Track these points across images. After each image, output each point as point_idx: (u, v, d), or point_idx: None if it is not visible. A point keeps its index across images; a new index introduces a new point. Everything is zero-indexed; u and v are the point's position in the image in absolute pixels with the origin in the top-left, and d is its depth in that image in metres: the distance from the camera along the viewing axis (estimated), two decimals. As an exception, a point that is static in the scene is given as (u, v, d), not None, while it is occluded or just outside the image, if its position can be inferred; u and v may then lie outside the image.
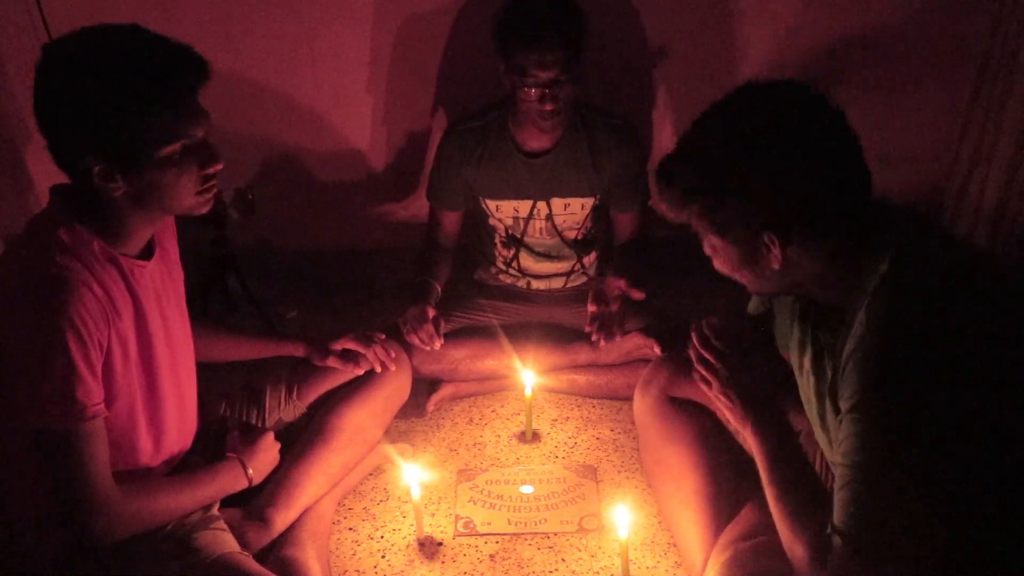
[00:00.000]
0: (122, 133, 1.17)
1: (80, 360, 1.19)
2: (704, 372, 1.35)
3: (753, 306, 1.54)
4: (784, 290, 1.23)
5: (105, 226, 1.27)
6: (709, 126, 1.16)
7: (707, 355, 1.33)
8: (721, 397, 1.35)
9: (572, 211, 2.06)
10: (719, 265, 1.23)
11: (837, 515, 1.07)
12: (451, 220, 2.11)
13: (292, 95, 2.25)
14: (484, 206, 2.07)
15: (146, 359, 1.35)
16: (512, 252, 2.14)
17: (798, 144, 1.10)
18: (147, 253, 1.36)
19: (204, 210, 1.33)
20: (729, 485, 1.52)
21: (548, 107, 1.81)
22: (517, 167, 2.00)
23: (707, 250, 1.24)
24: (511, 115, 1.98)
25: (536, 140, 1.98)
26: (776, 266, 1.14)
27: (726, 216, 1.14)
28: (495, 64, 1.87)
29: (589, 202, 2.05)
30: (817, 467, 1.44)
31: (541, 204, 2.04)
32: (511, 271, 2.18)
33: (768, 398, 1.33)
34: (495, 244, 2.14)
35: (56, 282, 1.18)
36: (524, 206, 2.05)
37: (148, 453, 1.40)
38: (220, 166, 1.29)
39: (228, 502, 1.58)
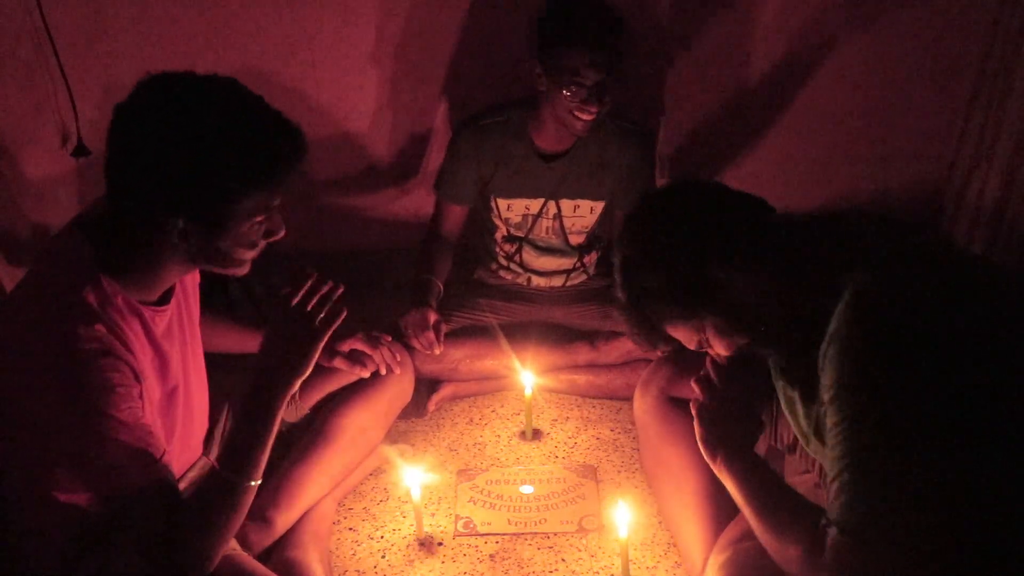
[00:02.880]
0: (221, 204, 1.17)
1: (126, 427, 1.17)
2: (699, 389, 1.37)
3: None
4: (784, 331, 1.24)
5: (135, 276, 1.24)
6: (624, 271, 1.28)
7: (714, 375, 1.36)
8: (704, 414, 1.36)
9: (581, 213, 2.06)
10: (720, 349, 1.28)
11: (831, 507, 1.08)
12: (457, 214, 2.10)
13: (292, 95, 2.25)
14: (493, 203, 2.07)
15: (166, 396, 1.34)
16: (515, 247, 2.14)
17: (682, 211, 1.23)
18: (166, 297, 1.33)
19: (243, 271, 1.30)
20: (729, 485, 1.53)
21: (594, 108, 1.81)
22: (533, 168, 2.00)
23: (694, 346, 1.30)
24: (532, 116, 1.97)
25: (555, 143, 1.98)
26: (750, 300, 1.18)
27: (696, 305, 1.22)
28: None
29: (599, 206, 2.05)
30: (816, 471, 1.44)
31: (551, 203, 2.04)
32: (512, 267, 2.18)
33: (746, 446, 1.34)
34: (496, 240, 2.14)
35: (88, 358, 1.15)
36: (535, 204, 2.05)
37: None
38: (283, 234, 1.27)
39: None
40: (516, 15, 2.15)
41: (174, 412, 1.37)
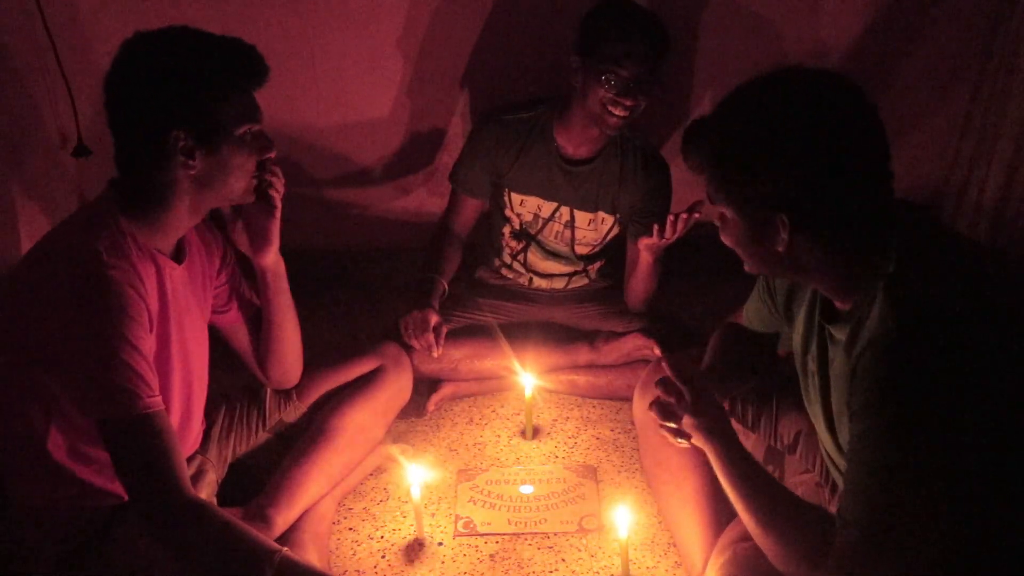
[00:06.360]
0: (210, 107, 1.29)
1: (137, 353, 1.23)
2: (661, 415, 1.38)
3: (749, 319, 1.54)
4: (781, 274, 1.22)
5: (150, 217, 1.33)
6: (744, 98, 1.14)
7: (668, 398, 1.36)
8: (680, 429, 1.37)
9: (593, 227, 2.05)
10: (724, 237, 1.22)
11: (847, 507, 1.07)
12: (470, 208, 2.09)
13: (292, 95, 2.25)
14: (507, 198, 2.06)
15: (159, 360, 1.35)
16: (522, 245, 2.13)
17: (831, 133, 1.08)
18: (178, 257, 1.41)
19: (251, 199, 1.43)
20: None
21: (628, 102, 1.80)
22: (552, 170, 1.99)
23: (717, 218, 1.23)
24: (558, 116, 1.96)
25: (580, 147, 1.97)
26: (781, 249, 1.12)
27: (742, 189, 1.12)
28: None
29: (610, 220, 2.04)
30: (816, 471, 1.44)
31: (564, 209, 2.04)
32: (516, 265, 2.17)
33: (721, 425, 1.34)
34: (504, 235, 2.13)
35: (108, 282, 1.23)
36: (548, 207, 2.04)
37: None
38: (274, 153, 1.41)
39: (229, 502, 1.59)
40: (518, 15, 2.15)
41: (167, 375, 1.38)
